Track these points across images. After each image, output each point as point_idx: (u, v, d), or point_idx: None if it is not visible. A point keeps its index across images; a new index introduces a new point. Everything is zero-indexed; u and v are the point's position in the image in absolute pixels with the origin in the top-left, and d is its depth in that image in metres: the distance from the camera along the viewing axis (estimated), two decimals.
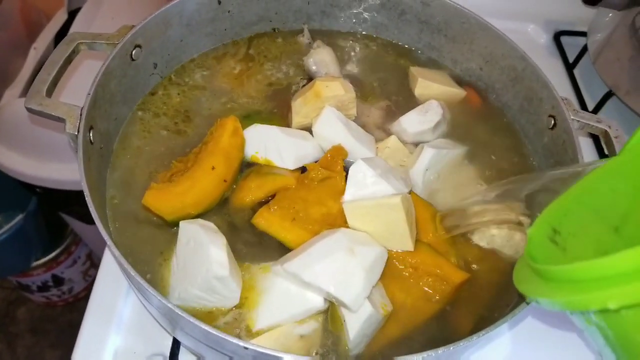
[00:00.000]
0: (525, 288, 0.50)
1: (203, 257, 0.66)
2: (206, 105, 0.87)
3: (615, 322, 0.42)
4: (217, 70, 0.92)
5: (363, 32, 1.03)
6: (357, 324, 0.65)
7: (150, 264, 0.70)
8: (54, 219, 1.68)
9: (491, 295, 0.71)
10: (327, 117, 0.80)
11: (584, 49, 1.21)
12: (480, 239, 0.75)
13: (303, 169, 0.77)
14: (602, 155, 1.06)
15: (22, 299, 2.04)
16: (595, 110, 1.11)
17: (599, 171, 0.56)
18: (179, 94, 0.87)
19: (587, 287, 0.41)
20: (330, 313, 0.68)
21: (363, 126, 0.85)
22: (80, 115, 0.69)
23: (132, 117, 0.83)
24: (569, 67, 1.24)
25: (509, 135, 0.89)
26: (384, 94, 0.93)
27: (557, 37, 1.29)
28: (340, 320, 0.66)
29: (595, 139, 1.10)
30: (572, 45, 1.26)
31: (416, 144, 0.85)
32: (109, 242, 0.61)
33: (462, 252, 0.75)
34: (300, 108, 0.84)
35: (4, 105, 1.27)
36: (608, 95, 1.10)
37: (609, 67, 1.10)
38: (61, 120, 0.69)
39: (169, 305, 0.57)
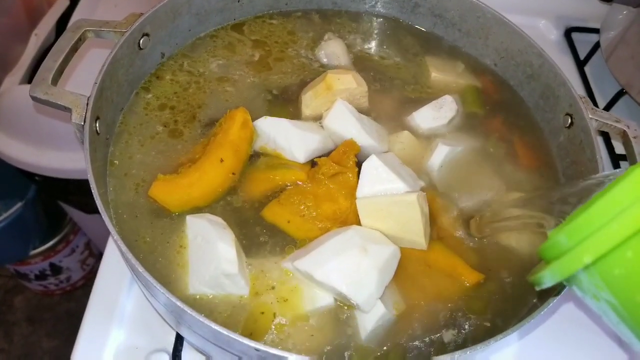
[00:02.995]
0: (531, 277, 0.53)
1: (211, 253, 0.65)
2: (216, 96, 0.85)
3: (614, 286, 0.45)
4: (232, 59, 0.90)
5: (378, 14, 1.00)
6: (369, 324, 0.64)
7: (153, 256, 0.68)
8: (52, 208, 1.66)
9: (507, 296, 0.70)
10: (339, 111, 0.78)
11: (596, 46, 1.20)
12: (501, 239, 0.74)
13: (314, 163, 0.76)
14: (611, 153, 1.05)
15: (19, 287, 2.03)
16: (606, 109, 1.10)
17: None
18: (189, 83, 0.85)
19: (567, 252, 0.46)
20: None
21: (375, 118, 0.84)
22: (87, 105, 0.67)
23: (138, 106, 0.81)
24: (580, 64, 1.22)
25: (524, 131, 0.87)
26: (397, 83, 0.91)
27: (568, 33, 1.28)
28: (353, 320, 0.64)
29: (605, 136, 1.08)
30: (583, 42, 1.25)
31: (430, 138, 0.83)
32: (115, 235, 0.59)
33: (478, 251, 0.73)
34: (310, 101, 0.82)
35: (4, 91, 1.24)
36: (620, 93, 1.09)
37: (622, 65, 1.09)
38: (67, 110, 0.67)
39: (177, 302, 0.55)
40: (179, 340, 0.74)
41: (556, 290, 0.60)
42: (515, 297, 0.70)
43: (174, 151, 0.77)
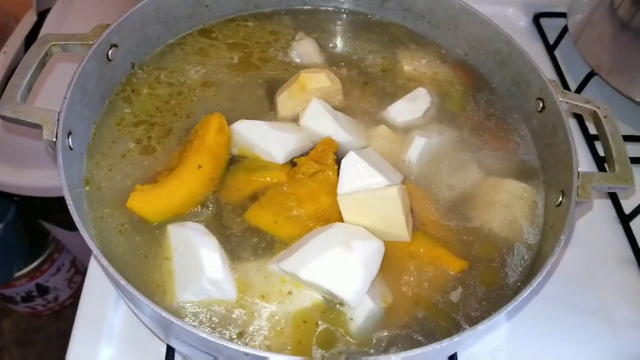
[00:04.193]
0: None
1: (195, 261, 0.64)
2: (204, 101, 0.84)
3: None
4: (208, 63, 0.89)
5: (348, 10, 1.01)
6: (359, 319, 0.64)
7: (136, 269, 0.67)
8: (34, 227, 1.63)
9: (493, 281, 0.71)
10: (315, 109, 0.78)
11: (564, 30, 1.21)
12: (483, 225, 0.74)
13: (293, 163, 0.76)
14: (586, 134, 1.06)
15: (6, 310, 1.99)
16: (578, 91, 1.11)
17: None
18: (170, 95, 0.84)
19: None
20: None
21: (351, 114, 0.84)
22: (58, 120, 0.66)
23: (112, 118, 0.80)
24: (550, 49, 1.24)
25: (499, 118, 0.88)
26: (371, 78, 0.91)
27: (537, 19, 1.29)
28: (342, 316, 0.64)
29: (578, 118, 1.10)
30: (552, 27, 1.26)
31: (406, 131, 0.83)
32: (95, 251, 0.59)
33: (461, 239, 0.74)
34: (285, 102, 0.82)
35: None
36: (590, 75, 1.10)
37: (590, 47, 1.10)
38: (37, 126, 0.66)
39: (162, 313, 0.55)
40: (170, 351, 0.73)
41: (539, 271, 0.61)
42: (500, 281, 0.71)
43: (150, 161, 0.76)
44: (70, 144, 0.68)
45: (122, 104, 0.81)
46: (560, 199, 0.72)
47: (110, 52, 0.77)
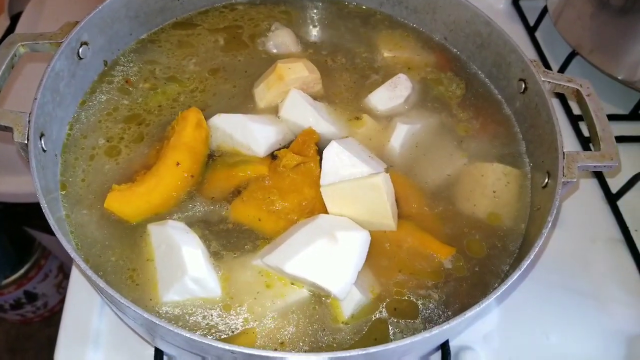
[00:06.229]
0: None
1: (177, 260, 0.63)
2: (165, 99, 0.82)
3: None
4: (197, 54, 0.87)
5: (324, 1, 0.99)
6: (347, 310, 0.63)
7: (118, 270, 0.66)
8: (18, 234, 1.61)
9: (480, 266, 0.70)
10: (294, 100, 0.77)
11: (544, 11, 1.20)
12: (469, 210, 0.73)
13: (274, 156, 0.74)
14: (569, 115, 1.06)
15: None
16: (561, 72, 1.11)
17: None
18: (137, 90, 0.82)
19: None
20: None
21: (331, 103, 0.82)
22: (29, 122, 0.64)
23: (85, 118, 0.78)
24: (530, 31, 1.23)
25: (481, 101, 0.87)
26: (349, 65, 0.90)
27: (516, 1, 1.28)
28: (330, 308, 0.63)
29: (561, 98, 1.09)
30: (531, 9, 1.25)
31: (388, 118, 0.82)
32: (73, 254, 0.57)
33: (447, 225, 0.73)
34: (263, 93, 0.81)
35: None
36: (572, 55, 1.10)
37: (570, 27, 1.09)
38: (8, 129, 0.64)
39: (144, 314, 0.53)
40: (159, 354, 0.72)
41: (527, 254, 0.60)
42: (488, 265, 0.70)
43: (127, 159, 0.74)
44: (43, 145, 0.67)
45: (96, 102, 0.79)
46: (546, 180, 0.72)
47: (80, 50, 0.75)
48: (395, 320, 0.65)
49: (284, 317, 0.63)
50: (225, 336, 0.62)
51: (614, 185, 0.95)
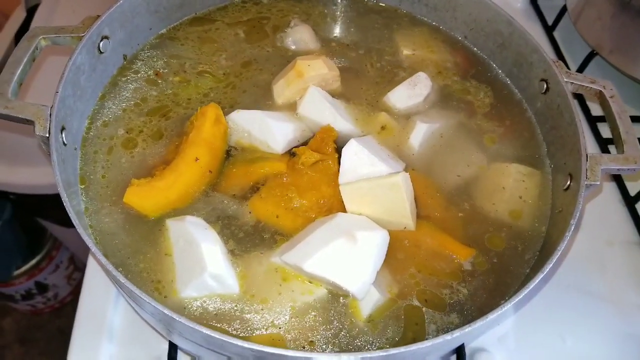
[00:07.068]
0: None
1: (195, 255, 0.63)
2: (185, 93, 0.82)
3: None
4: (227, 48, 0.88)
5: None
6: (365, 310, 0.63)
7: (136, 265, 0.66)
8: (31, 225, 1.62)
9: (500, 269, 0.69)
10: (313, 97, 0.77)
11: (563, 10, 1.19)
12: (488, 211, 0.73)
13: (292, 153, 0.74)
14: (588, 115, 1.05)
15: (6, 309, 1.98)
16: (579, 72, 1.09)
17: None
18: (157, 85, 0.82)
19: None
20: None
21: (350, 101, 0.82)
22: (50, 115, 0.64)
23: (105, 112, 0.78)
24: (549, 30, 1.22)
25: (502, 101, 0.86)
26: (369, 63, 0.89)
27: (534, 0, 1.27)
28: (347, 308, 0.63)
29: (579, 99, 1.08)
30: (550, 8, 1.24)
31: (407, 117, 0.82)
32: (93, 248, 0.57)
33: (467, 226, 0.72)
34: (282, 90, 0.80)
35: None
36: (591, 55, 1.08)
37: (590, 27, 1.08)
38: (30, 122, 0.64)
39: (165, 310, 0.53)
40: (173, 348, 0.72)
41: (549, 258, 0.60)
42: (508, 267, 0.69)
43: (147, 154, 0.74)
44: (64, 139, 0.67)
45: (117, 96, 0.79)
46: (568, 182, 0.71)
47: (101, 44, 0.75)
48: (411, 320, 0.64)
49: (302, 315, 0.63)
50: (243, 334, 0.62)
51: (633, 188, 0.94)
